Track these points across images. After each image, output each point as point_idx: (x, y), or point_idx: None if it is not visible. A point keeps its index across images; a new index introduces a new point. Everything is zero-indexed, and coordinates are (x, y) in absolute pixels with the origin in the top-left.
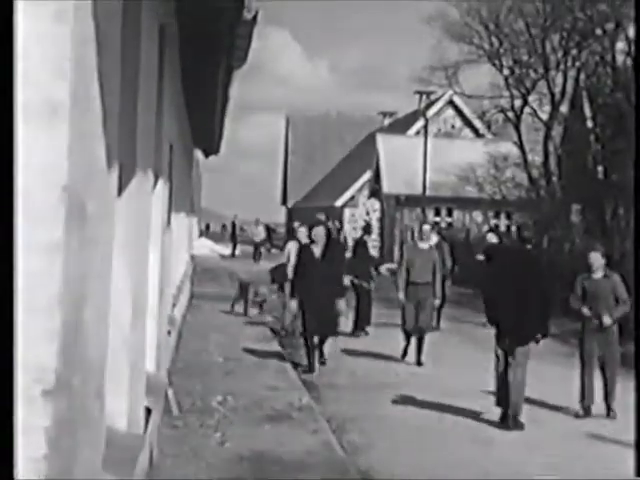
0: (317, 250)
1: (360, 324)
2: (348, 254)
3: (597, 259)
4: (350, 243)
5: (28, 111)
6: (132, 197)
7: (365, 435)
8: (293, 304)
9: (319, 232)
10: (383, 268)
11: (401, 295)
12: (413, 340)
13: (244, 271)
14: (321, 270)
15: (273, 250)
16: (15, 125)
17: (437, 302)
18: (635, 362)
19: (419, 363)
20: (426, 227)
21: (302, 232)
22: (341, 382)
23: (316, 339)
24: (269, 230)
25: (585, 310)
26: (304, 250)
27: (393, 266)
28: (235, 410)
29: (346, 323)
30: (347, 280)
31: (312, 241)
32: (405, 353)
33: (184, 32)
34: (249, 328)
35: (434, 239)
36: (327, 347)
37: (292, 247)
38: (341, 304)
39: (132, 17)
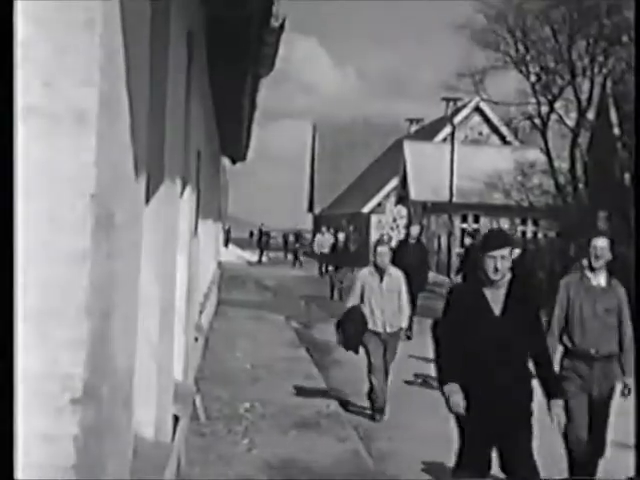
0: (497, 299)
1: None
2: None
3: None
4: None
5: (56, 119)
6: (160, 205)
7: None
8: (457, 398)
9: (505, 260)
10: None
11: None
12: None
13: (271, 277)
14: (504, 340)
15: (302, 258)
16: (41, 132)
17: (630, 382)
18: (635, 360)
19: None
20: (601, 242)
21: (384, 253)
22: None
23: None
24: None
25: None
26: (472, 296)
27: None
28: (263, 417)
29: None
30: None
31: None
32: None
33: (212, 40)
34: (277, 336)
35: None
36: None
37: (368, 279)
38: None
39: (160, 26)
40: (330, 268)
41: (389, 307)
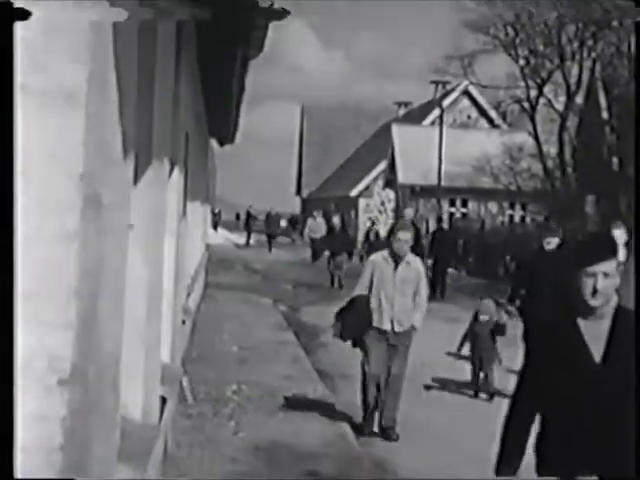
0: (598, 336)
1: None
2: None
3: None
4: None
5: (45, 99)
6: (148, 186)
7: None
8: None
9: (609, 278)
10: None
11: None
12: None
13: (259, 261)
14: (606, 400)
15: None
16: (28, 113)
17: None
18: (636, 360)
19: None
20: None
21: (405, 240)
22: None
23: None
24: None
25: None
26: (560, 330)
27: None
28: (249, 399)
29: None
30: None
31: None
32: None
33: (201, 21)
34: (265, 318)
35: None
36: None
37: (381, 265)
38: None
39: (149, 6)
40: (326, 254)
41: (401, 301)
